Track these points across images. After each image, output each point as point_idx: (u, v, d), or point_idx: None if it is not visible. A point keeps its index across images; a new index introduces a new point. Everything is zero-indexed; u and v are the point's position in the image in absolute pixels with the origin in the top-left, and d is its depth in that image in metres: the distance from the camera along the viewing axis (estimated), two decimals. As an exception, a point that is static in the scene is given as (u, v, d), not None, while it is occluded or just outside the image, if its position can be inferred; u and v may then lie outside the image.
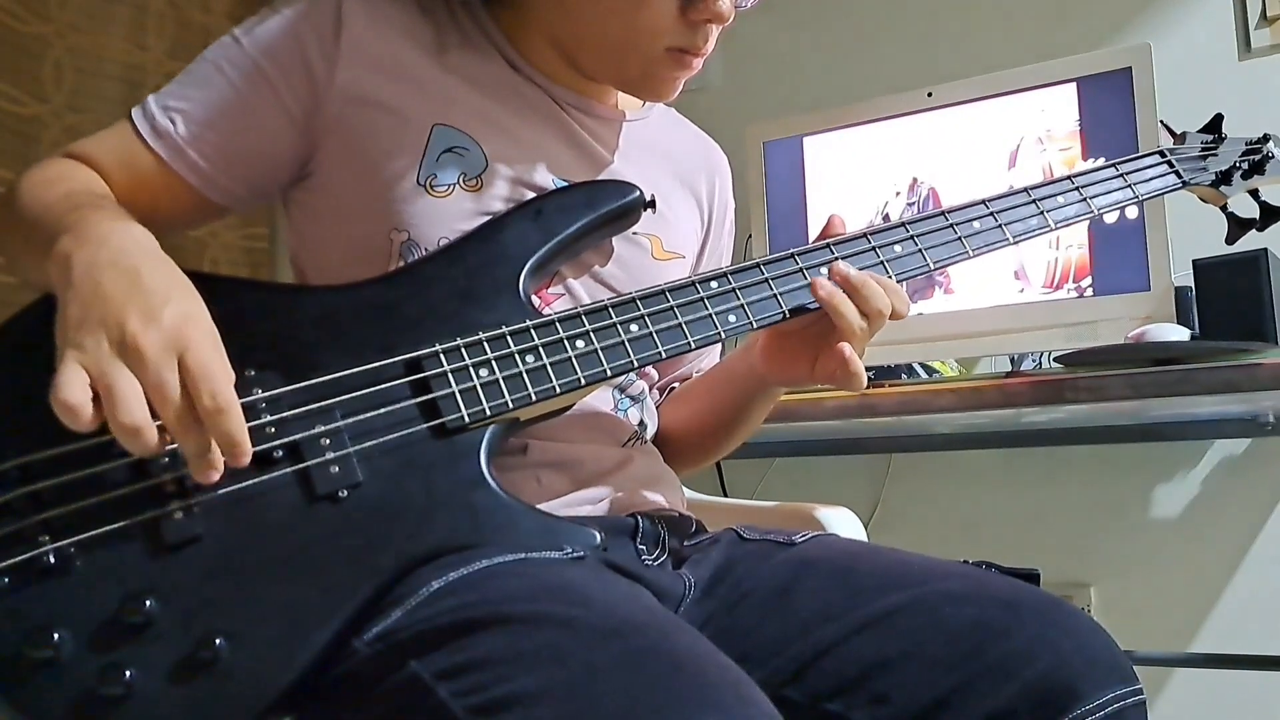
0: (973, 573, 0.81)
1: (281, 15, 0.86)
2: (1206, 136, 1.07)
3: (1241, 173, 1.04)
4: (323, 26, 0.85)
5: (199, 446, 0.64)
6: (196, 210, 0.88)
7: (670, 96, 0.93)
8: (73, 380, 0.62)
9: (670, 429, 1.04)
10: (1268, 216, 1.06)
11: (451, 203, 0.84)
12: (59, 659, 0.63)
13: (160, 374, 0.63)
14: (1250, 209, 1.07)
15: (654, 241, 0.94)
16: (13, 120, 1.91)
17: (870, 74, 2.12)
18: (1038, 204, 0.92)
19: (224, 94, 0.85)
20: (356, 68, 0.85)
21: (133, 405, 0.62)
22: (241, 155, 0.86)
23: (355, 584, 0.68)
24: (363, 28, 0.85)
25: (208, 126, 0.85)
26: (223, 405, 0.64)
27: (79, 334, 0.64)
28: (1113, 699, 0.70)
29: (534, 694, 0.57)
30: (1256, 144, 1.06)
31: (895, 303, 0.83)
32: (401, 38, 0.87)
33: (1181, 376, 1.24)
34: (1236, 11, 1.85)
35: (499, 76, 0.91)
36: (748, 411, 1.03)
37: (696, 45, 0.87)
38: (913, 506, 2.06)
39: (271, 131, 0.86)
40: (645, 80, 0.90)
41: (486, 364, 0.76)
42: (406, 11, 0.89)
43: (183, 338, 0.65)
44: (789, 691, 0.76)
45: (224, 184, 0.86)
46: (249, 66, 0.85)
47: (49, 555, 0.65)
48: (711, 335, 0.82)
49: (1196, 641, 1.84)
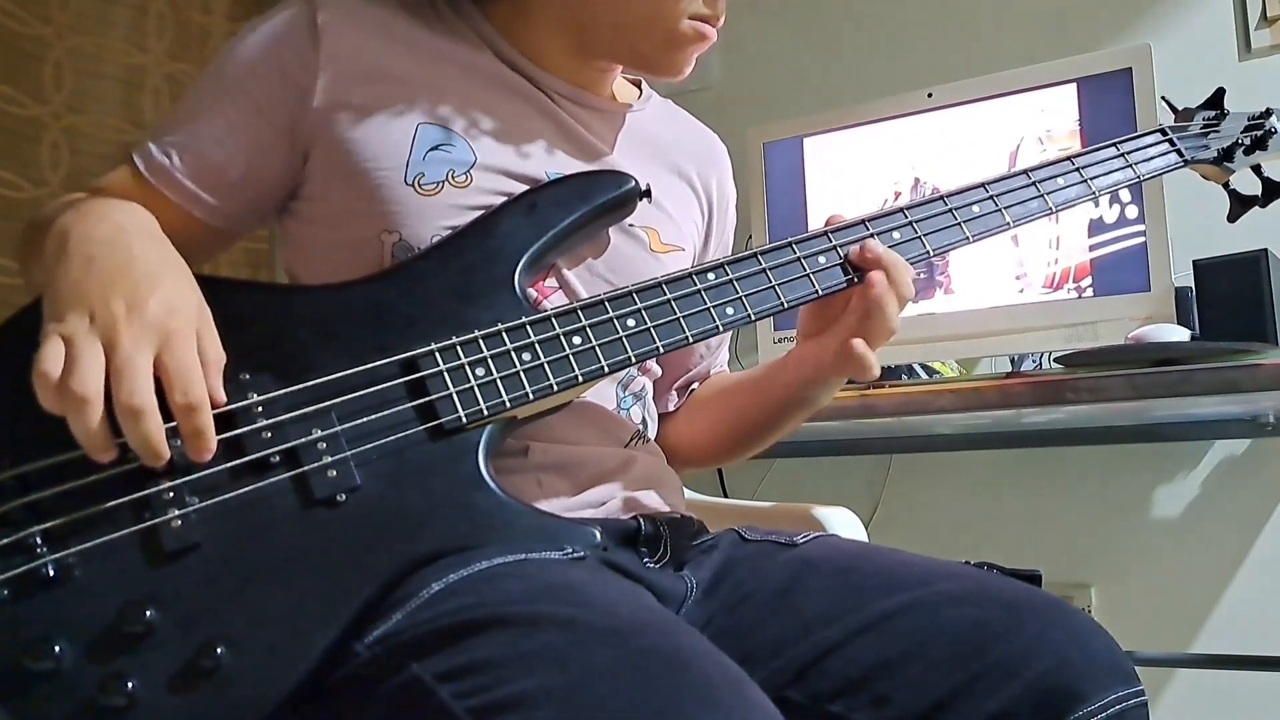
0: (974, 574, 0.81)
1: (259, 33, 0.86)
2: (1208, 112, 1.06)
3: (1244, 149, 1.03)
4: (300, 38, 0.85)
5: (138, 433, 0.65)
6: (206, 241, 0.88)
7: (685, 73, 0.93)
8: (50, 354, 0.64)
9: (692, 432, 1.04)
10: (1270, 193, 1.05)
11: (440, 200, 0.84)
12: (59, 670, 0.63)
13: (129, 363, 0.65)
14: (1253, 185, 1.05)
15: (651, 234, 0.93)
16: (13, 121, 1.91)
17: (870, 75, 2.12)
18: (1037, 186, 0.91)
19: (215, 124, 0.85)
20: (337, 75, 0.85)
21: (86, 377, 0.64)
22: (241, 181, 0.86)
23: (355, 588, 0.68)
24: (340, 34, 0.85)
25: (204, 158, 0.85)
26: (193, 403, 0.66)
27: (64, 308, 0.67)
28: (1114, 700, 0.70)
29: (535, 695, 0.57)
30: (1259, 119, 1.05)
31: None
32: (380, 39, 0.87)
33: (1182, 377, 1.24)
34: (1236, 12, 1.84)
35: (487, 70, 0.90)
36: (783, 418, 1.00)
37: (716, 14, 0.89)
38: (913, 507, 2.06)
39: (265, 151, 0.86)
40: (664, 56, 0.91)
41: (483, 363, 0.75)
42: (385, 10, 0.89)
43: (164, 330, 0.67)
44: (790, 692, 0.76)
45: (229, 211, 0.87)
46: (235, 91, 0.85)
47: (48, 566, 0.65)
48: (710, 329, 0.81)
49: (1197, 642, 1.84)
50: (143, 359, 0.65)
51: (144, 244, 0.71)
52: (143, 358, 0.65)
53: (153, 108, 2.19)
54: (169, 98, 2.21)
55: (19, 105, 1.92)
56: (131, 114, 2.15)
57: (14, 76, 1.93)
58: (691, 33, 0.89)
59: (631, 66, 0.95)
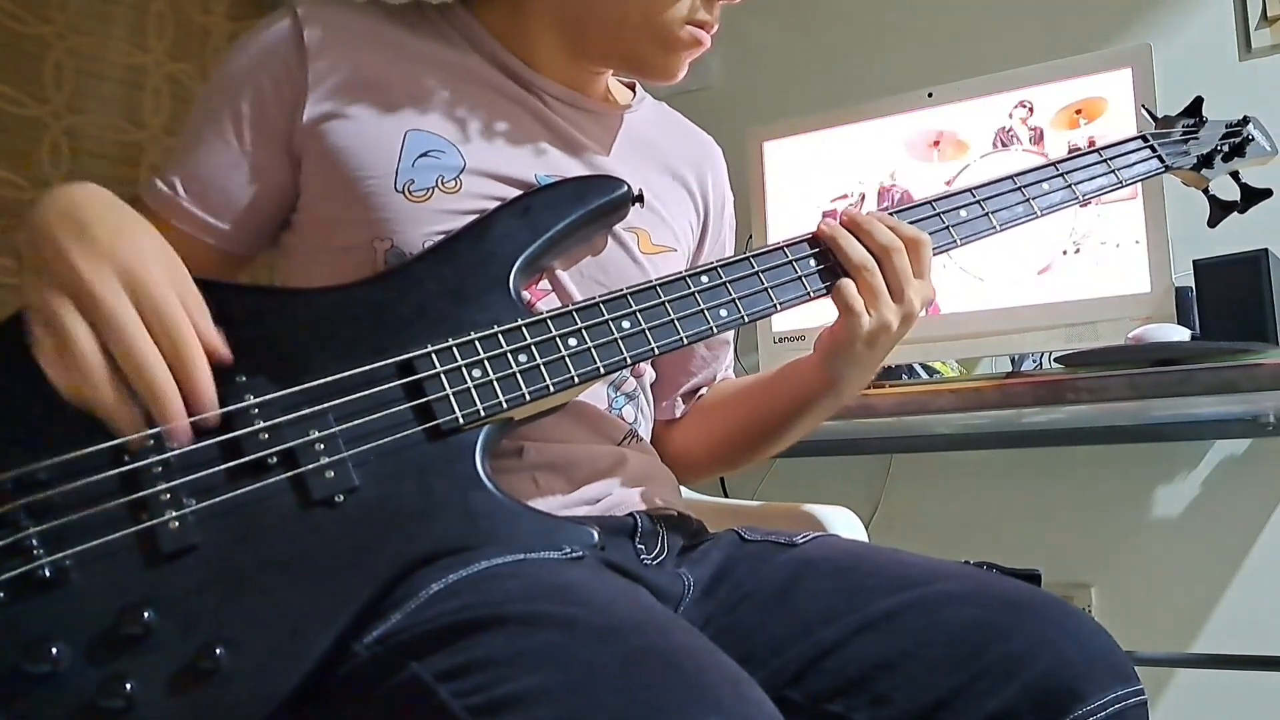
0: (973, 573, 0.81)
1: (246, 53, 0.87)
2: (1188, 120, 1.07)
3: (1222, 155, 1.05)
4: (286, 52, 0.85)
5: (150, 390, 0.65)
6: (220, 268, 0.88)
7: (679, 77, 0.93)
8: (45, 346, 0.65)
9: (703, 437, 1.04)
10: (1248, 199, 1.07)
11: (431, 206, 0.84)
12: (58, 672, 0.63)
13: (112, 316, 0.65)
14: (1231, 191, 1.07)
15: (640, 236, 0.93)
16: (13, 121, 1.91)
17: (870, 74, 2.12)
18: (1023, 191, 0.92)
19: (213, 148, 0.86)
20: (325, 87, 0.85)
21: (80, 353, 0.64)
22: (247, 201, 0.87)
23: (354, 589, 0.68)
24: (326, 47, 0.86)
25: (208, 184, 0.86)
26: (178, 343, 0.66)
27: (36, 293, 0.67)
28: (1114, 699, 0.70)
29: (534, 694, 0.57)
30: (1236, 127, 1.07)
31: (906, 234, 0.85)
32: (367, 48, 0.87)
33: (1182, 377, 1.24)
34: (1237, 12, 1.84)
35: (477, 74, 0.91)
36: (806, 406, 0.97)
37: (712, 19, 0.90)
38: (913, 507, 2.06)
39: (265, 169, 0.86)
40: (659, 60, 0.91)
41: (479, 364, 0.76)
42: (371, 19, 0.89)
43: (133, 276, 0.67)
44: (790, 692, 0.76)
45: (238, 234, 0.88)
46: (228, 113, 0.86)
47: (44, 568, 0.64)
48: (703, 330, 0.81)
49: (1198, 642, 1.84)
50: (121, 305, 0.66)
51: (100, 210, 0.71)
52: (120, 304, 0.66)
53: (153, 108, 2.19)
54: (169, 97, 2.21)
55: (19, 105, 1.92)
56: (132, 114, 2.15)
57: (14, 76, 1.93)
58: (688, 38, 0.90)
59: (626, 69, 0.95)
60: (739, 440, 1.04)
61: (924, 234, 0.86)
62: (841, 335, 0.86)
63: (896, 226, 0.85)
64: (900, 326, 0.85)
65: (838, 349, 0.88)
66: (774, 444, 1.03)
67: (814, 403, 0.97)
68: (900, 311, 0.85)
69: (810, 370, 0.94)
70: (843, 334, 0.86)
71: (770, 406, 1.00)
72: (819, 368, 0.92)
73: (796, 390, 0.97)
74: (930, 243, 0.86)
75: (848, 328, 0.84)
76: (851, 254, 0.84)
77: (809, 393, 0.96)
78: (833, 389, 0.94)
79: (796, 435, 1.02)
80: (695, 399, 1.08)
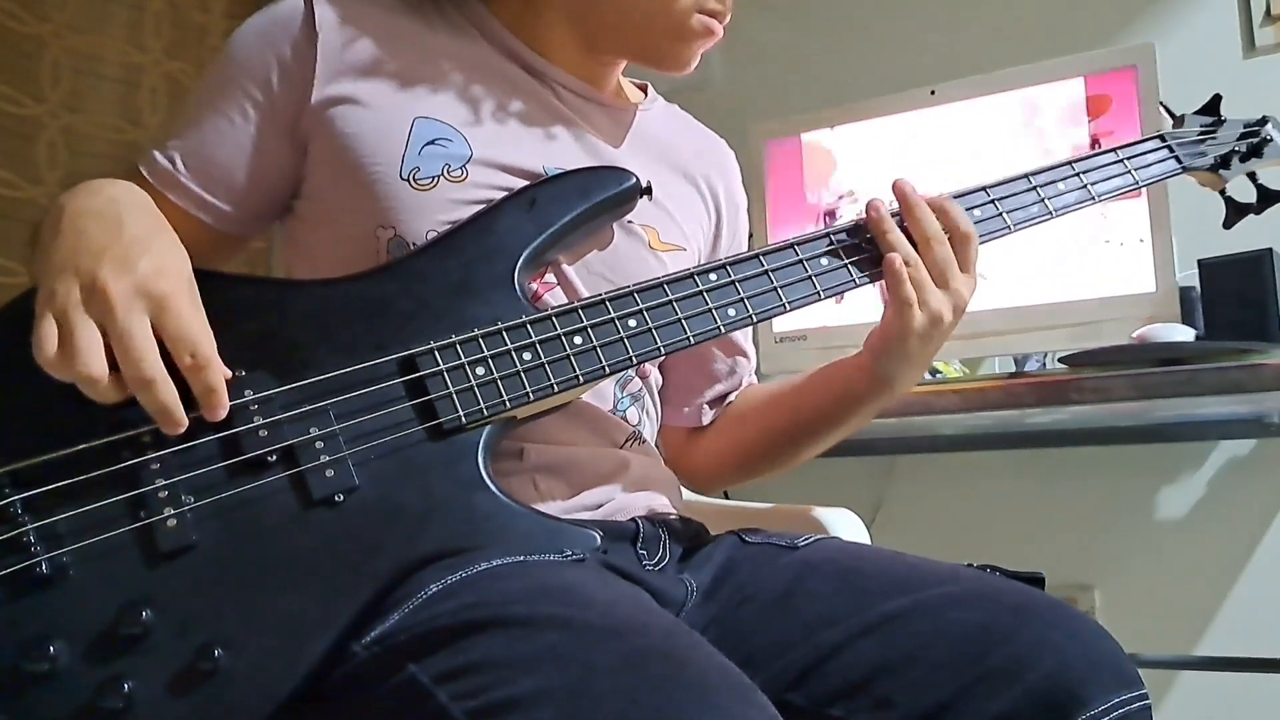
0: (976, 576, 0.80)
1: (256, 30, 0.86)
2: (1205, 119, 1.06)
3: (1240, 156, 1.03)
4: (297, 34, 0.85)
5: (155, 403, 0.66)
6: (215, 247, 0.87)
7: (691, 68, 0.93)
8: (45, 334, 0.65)
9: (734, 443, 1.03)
10: (1265, 200, 1.05)
11: (436, 195, 0.83)
12: (56, 671, 0.62)
13: (126, 325, 0.65)
14: (1248, 192, 1.06)
15: (650, 233, 0.92)
16: (10, 120, 1.91)
17: (873, 72, 2.12)
18: (1038, 190, 0.91)
19: (217, 124, 0.85)
20: (334, 71, 0.84)
21: (89, 357, 0.64)
22: (247, 181, 0.86)
23: (354, 589, 0.67)
24: (337, 30, 0.85)
25: (209, 160, 0.85)
26: (202, 362, 0.67)
27: (53, 280, 0.67)
28: (1117, 703, 0.70)
29: (534, 696, 0.56)
30: (1254, 126, 1.06)
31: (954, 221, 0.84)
32: (377, 33, 0.87)
33: (1186, 377, 1.23)
34: (1240, 10, 1.84)
35: (487, 64, 0.90)
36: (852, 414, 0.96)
37: (724, 9, 0.90)
38: (916, 508, 2.05)
39: (268, 150, 0.85)
40: (672, 50, 0.91)
41: (483, 362, 0.75)
42: (383, 5, 0.89)
43: (156, 291, 0.67)
44: (792, 696, 0.75)
45: (237, 214, 0.87)
46: (235, 90, 0.85)
47: (42, 565, 0.64)
48: (711, 330, 0.80)
49: (1201, 644, 1.83)
50: (140, 324, 0.66)
51: (134, 214, 0.71)
52: (140, 322, 0.66)
53: (150, 107, 2.18)
54: (167, 97, 2.20)
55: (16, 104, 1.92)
56: (129, 113, 2.14)
57: (11, 75, 1.92)
58: (700, 27, 0.90)
59: (638, 60, 0.95)
60: (780, 444, 1.02)
61: (972, 226, 0.86)
62: (893, 330, 0.85)
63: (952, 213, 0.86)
64: (953, 318, 0.85)
65: (888, 346, 0.87)
66: (815, 447, 1.02)
67: (863, 404, 0.95)
68: (950, 301, 0.84)
69: (858, 370, 0.92)
70: (895, 328, 0.85)
71: (815, 409, 0.98)
72: (867, 368, 0.91)
73: (843, 391, 0.95)
74: (977, 236, 0.86)
75: (901, 319, 0.84)
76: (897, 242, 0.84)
77: (858, 393, 0.94)
78: (884, 389, 0.92)
79: (840, 436, 1.00)
80: (724, 405, 1.06)
